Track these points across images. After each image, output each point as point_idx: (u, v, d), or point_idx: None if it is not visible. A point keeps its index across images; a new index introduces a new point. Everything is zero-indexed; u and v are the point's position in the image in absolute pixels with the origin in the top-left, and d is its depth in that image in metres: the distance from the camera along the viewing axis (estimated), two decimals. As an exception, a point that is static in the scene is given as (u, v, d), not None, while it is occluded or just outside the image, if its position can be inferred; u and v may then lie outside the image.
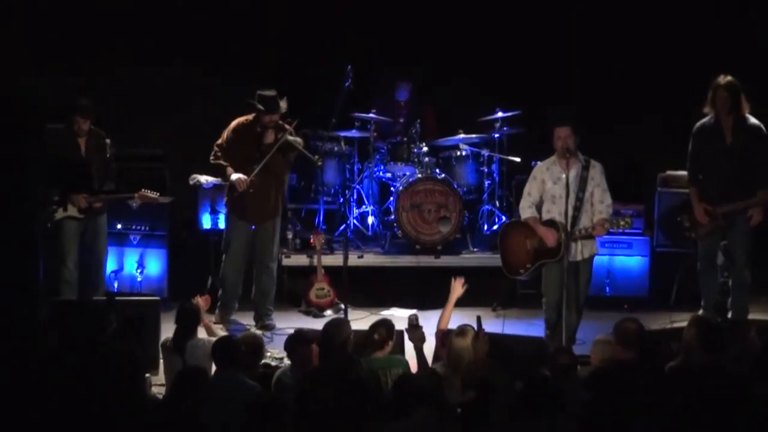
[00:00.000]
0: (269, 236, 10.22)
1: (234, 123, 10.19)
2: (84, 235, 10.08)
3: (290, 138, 10.07)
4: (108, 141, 10.07)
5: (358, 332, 7.95)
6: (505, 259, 9.65)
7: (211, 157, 10.24)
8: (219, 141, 10.22)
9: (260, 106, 9.95)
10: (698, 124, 9.69)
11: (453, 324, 8.14)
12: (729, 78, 9.50)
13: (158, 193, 10.24)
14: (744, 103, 9.51)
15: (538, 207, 9.32)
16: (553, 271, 9.28)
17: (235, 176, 10.01)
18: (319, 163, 10.66)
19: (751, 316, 9.75)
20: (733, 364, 7.20)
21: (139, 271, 11.02)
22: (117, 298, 9.76)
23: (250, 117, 10.12)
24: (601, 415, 6.28)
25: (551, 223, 9.18)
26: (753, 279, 9.73)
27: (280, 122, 10.07)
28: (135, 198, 10.13)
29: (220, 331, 8.74)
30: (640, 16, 12.15)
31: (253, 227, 10.25)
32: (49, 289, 9.92)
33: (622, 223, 9.15)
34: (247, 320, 10.50)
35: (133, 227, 11.06)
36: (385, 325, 7.91)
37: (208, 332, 8.52)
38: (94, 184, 9.97)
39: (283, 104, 10.05)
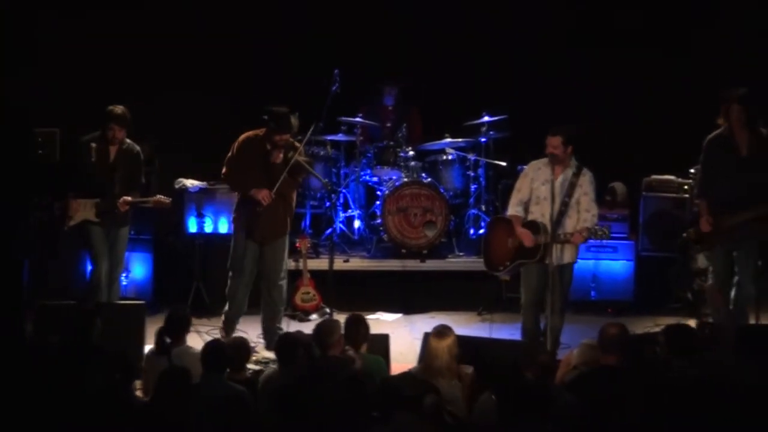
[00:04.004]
0: (279, 255, 9.86)
1: (242, 137, 9.71)
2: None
3: (301, 159, 9.67)
4: (136, 152, 10.00)
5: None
6: (486, 254, 9.68)
7: (223, 172, 9.82)
8: (229, 155, 9.72)
9: (272, 124, 9.53)
10: (710, 136, 9.45)
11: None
12: (743, 91, 9.32)
13: (170, 199, 10.19)
14: (758, 117, 9.32)
15: (527, 205, 9.35)
16: (530, 273, 9.30)
17: (257, 191, 9.56)
18: (329, 187, 10.57)
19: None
20: (712, 368, 7.25)
21: (124, 275, 11.00)
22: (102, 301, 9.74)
23: (259, 132, 9.68)
24: (584, 418, 6.33)
25: (533, 225, 9.20)
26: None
27: (290, 140, 9.70)
28: (150, 203, 10.05)
29: None
30: (626, 22, 12.20)
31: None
32: (80, 292, 10.00)
33: (599, 233, 9.13)
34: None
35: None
36: (363, 323, 7.92)
37: None
38: (115, 191, 9.86)
39: (295, 121, 9.83)
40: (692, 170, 10.79)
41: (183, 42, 12.02)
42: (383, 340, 8.63)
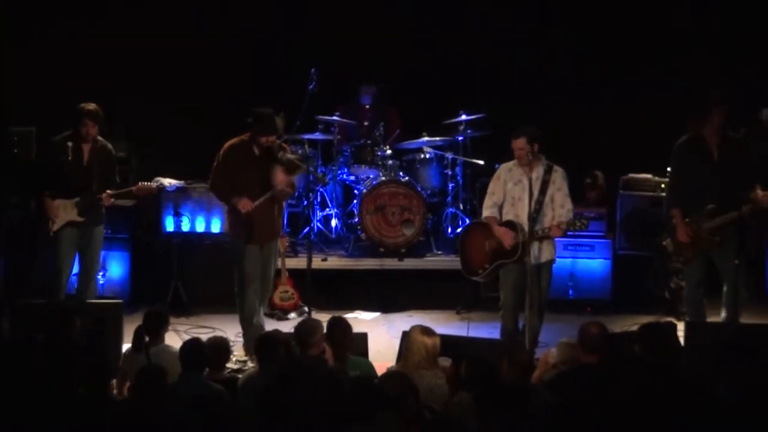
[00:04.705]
0: (273, 256, 9.72)
1: (227, 145, 9.51)
2: (80, 242, 9.95)
3: (291, 157, 9.57)
4: (109, 149, 9.96)
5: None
6: (464, 260, 9.63)
7: (210, 182, 9.70)
8: (215, 165, 9.54)
9: (257, 127, 9.39)
10: (680, 142, 9.36)
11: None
12: (721, 92, 9.21)
13: (155, 184, 10.11)
14: (731, 120, 9.25)
15: (501, 207, 9.35)
16: (510, 273, 9.28)
17: (238, 200, 9.38)
18: (327, 180, 10.46)
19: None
20: (689, 366, 7.28)
21: (101, 273, 10.96)
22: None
23: (243, 137, 9.51)
24: (565, 418, 6.33)
25: (510, 225, 9.20)
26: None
27: (277, 142, 9.56)
28: (133, 192, 10.00)
29: None
30: (603, 19, 12.23)
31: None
32: (41, 293, 9.92)
33: (578, 224, 9.13)
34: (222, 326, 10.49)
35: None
36: (348, 326, 7.93)
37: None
38: (93, 188, 9.79)
39: (280, 122, 9.70)
40: (669, 168, 10.82)
41: (160, 41, 11.99)
42: (362, 339, 8.62)
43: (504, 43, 12.20)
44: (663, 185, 11.12)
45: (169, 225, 11.28)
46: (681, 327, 9.09)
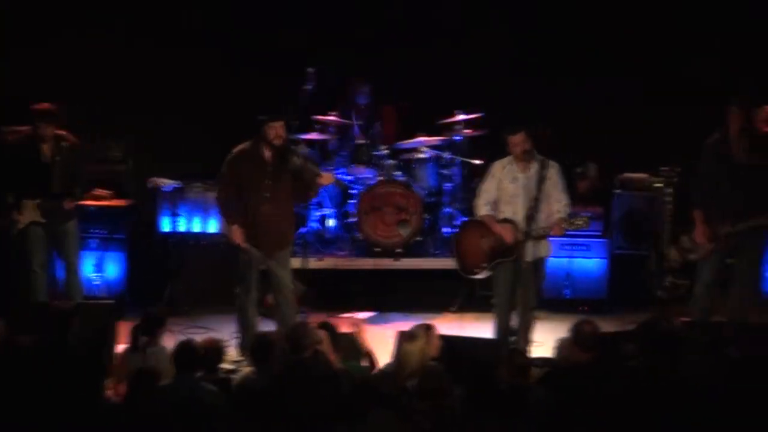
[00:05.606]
0: (286, 265, 9.53)
1: (234, 152, 9.34)
2: (51, 241, 9.90)
3: (303, 161, 9.42)
4: (76, 146, 9.87)
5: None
6: (460, 258, 9.61)
7: (218, 193, 9.55)
8: (222, 172, 9.40)
9: (264, 116, 9.23)
10: (708, 142, 9.28)
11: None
12: (742, 94, 9.13)
13: (110, 192, 10.07)
14: (758, 120, 9.08)
15: (496, 205, 9.31)
16: (504, 271, 9.25)
17: (236, 231, 9.28)
18: (342, 186, 10.71)
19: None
20: (687, 366, 7.27)
21: (97, 274, 10.96)
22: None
23: (251, 142, 9.35)
24: (558, 416, 6.34)
25: (507, 222, 9.18)
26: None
27: (286, 144, 9.37)
28: (87, 199, 9.95)
29: None
30: (600, 18, 12.23)
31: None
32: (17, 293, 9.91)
33: (579, 222, 9.12)
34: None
35: (92, 230, 10.99)
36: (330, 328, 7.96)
37: None
38: (53, 188, 9.76)
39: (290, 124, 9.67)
40: (663, 168, 10.81)
41: (157, 42, 12.00)
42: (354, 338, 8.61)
43: (501, 42, 12.19)
44: (658, 184, 11.10)
45: (166, 225, 11.28)
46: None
